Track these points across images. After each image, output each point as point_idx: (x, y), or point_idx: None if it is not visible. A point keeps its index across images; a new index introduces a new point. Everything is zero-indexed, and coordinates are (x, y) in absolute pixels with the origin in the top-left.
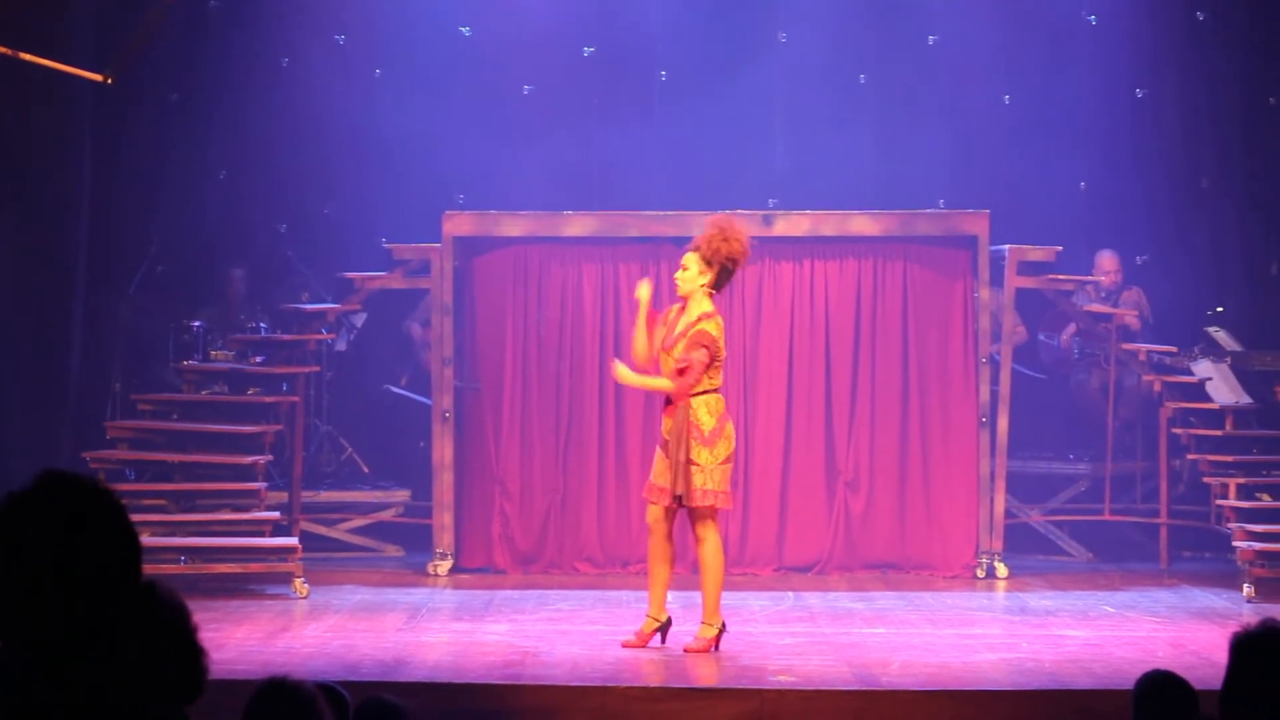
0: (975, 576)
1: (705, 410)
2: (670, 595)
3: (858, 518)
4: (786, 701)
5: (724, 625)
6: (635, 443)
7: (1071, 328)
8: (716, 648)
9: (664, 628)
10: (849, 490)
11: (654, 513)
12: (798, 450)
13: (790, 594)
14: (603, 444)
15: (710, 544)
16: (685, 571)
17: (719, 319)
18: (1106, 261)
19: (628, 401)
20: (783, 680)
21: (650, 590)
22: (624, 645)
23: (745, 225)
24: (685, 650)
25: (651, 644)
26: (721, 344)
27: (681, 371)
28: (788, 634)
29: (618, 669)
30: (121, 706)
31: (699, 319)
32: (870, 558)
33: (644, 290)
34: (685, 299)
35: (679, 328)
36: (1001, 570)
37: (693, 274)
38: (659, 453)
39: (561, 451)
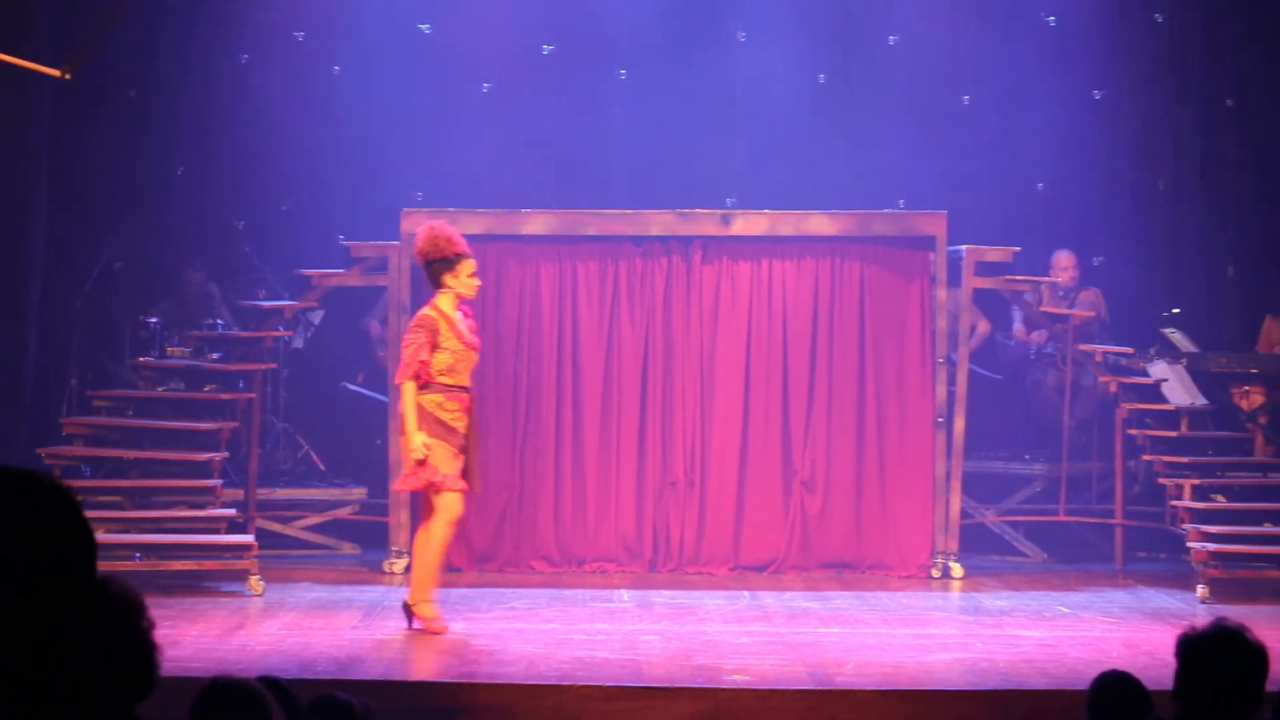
0: (930, 576)
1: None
2: (632, 593)
3: (814, 517)
4: (741, 701)
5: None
6: (592, 441)
7: (1042, 333)
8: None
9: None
10: (805, 490)
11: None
12: (754, 450)
13: (746, 593)
14: (559, 443)
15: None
16: (641, 570)
17: (428, 312)
18: (1063, 259)
19: (585, 400)
20: (738, 679)
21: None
22: None
23: (437, 225)
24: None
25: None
26: (425, 336)
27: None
28: (743, 633)
29: (573, 668)
30: (73, 703)
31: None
32: (826, 557)
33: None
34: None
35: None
36: (957, 570)
37: None
38: (454, 450)
39: (518, 450)
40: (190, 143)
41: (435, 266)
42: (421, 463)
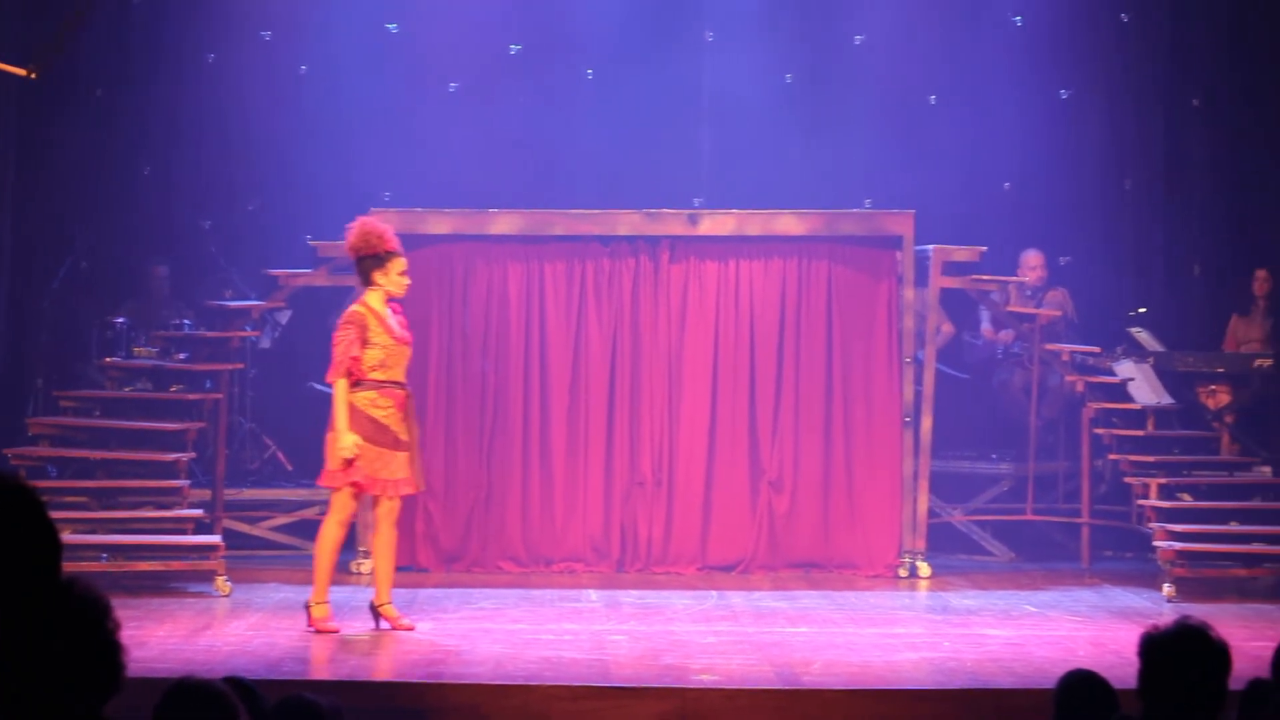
0: (898, 576)
1: None
2: (600, 593)
3: (781, 517)
4: (709, 700)
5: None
6: (559, 441)
7: (1009, 332)
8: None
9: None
10: (773, 490)
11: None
12: (722, 450)
13: (714, 593)
14: (527, 443)
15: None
16: (609, 570)
17: (357, 309)
18: (1031, 258)
19: (552, 401)
20: (705, 679)
21: (379, 582)
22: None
23: (369, 221)
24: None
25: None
26: (355, 332)
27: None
28: (711, 633)
29: (540, 668)
30: (39, 704)
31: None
32: (793, 557)
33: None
34: None
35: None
36: (924, 569)
37: None
38: (387, 450)
39: (486, 450)
40: (157, 142)
41: (366, 263)
42: (349, 462)
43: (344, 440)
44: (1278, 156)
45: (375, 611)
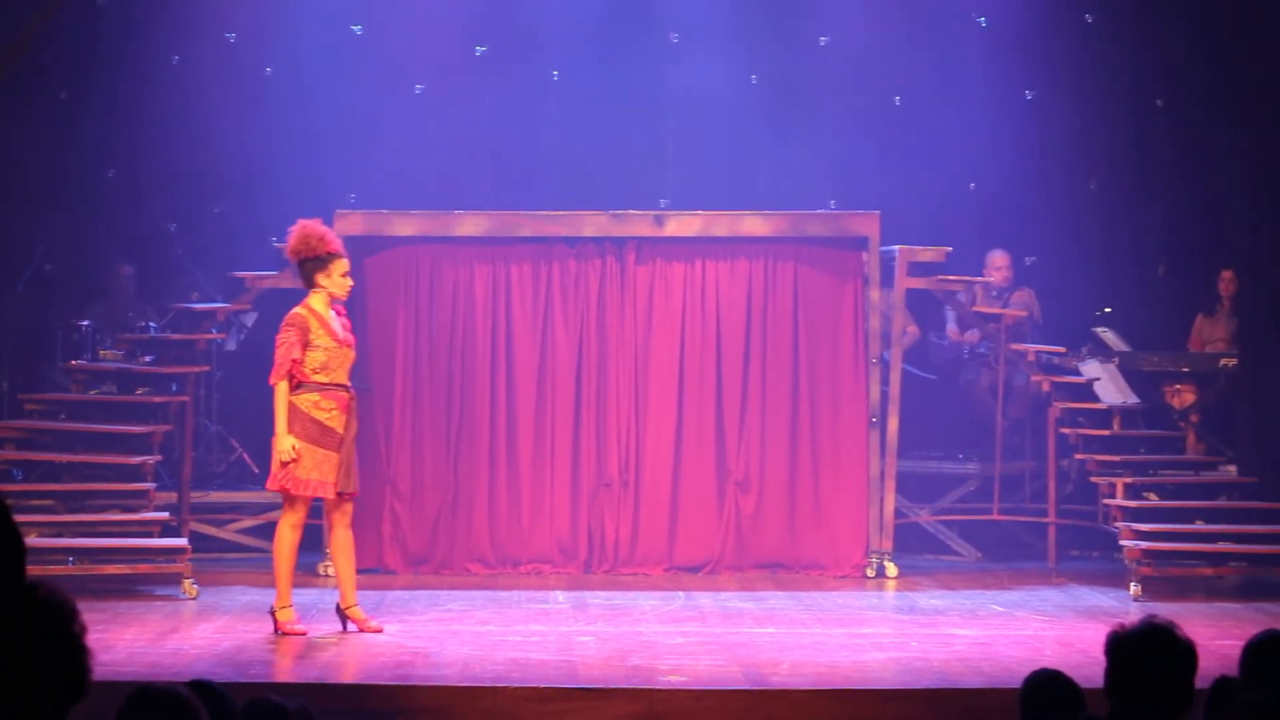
0: (865, 576)
1: None
2: (567, 594)
3: (748, 518)
4: (677, 701)
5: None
6: (527, 442)
7: (974, 333)
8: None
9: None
10: (739, 490)
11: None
12: (688, 450)
13: (681, 594)
14: (494, 444)
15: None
16: (576, 571)
17: (299, 311)
18: (997, 258)
19: (519, 402)
20: (673, 680)
21: (341, 584)
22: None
23: (310, 223)
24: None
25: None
26: (296, 335)
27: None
28: (678, 634)
29: (508, 669)
30: (5, 708)
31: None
32: (761, 557)
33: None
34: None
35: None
36: (891, 570)
37: None
38: (333, 452)
39: (453, 452)
40: (122, 145)
41: (308, 265)
42: (285, 465)
43: (282, 444)
44: (1241, 157)
45: (342, 615)
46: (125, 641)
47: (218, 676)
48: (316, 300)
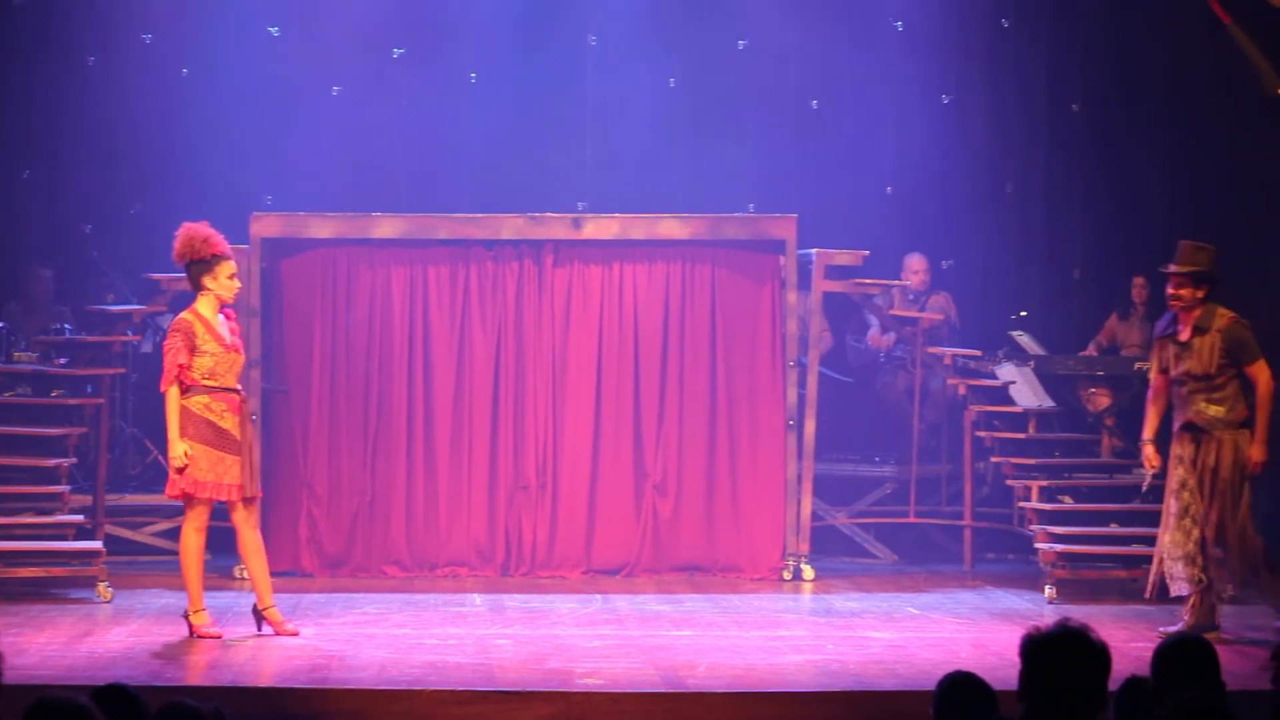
0: (782, 579)
1: None
2: (484, 597)
3: (666, 520)
4: (594, 704)
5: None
6: (444, 445)
7: (891, 337)
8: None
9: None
10: (657, 493)
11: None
12: (606, 453)
13: (598, 596)
14: (411, 446)
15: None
16: (493, 574)
17: (185, 316)
18: (915, 262)
19: (436, 405)
20: (590, 683)
21: (257, 587)
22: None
23: (195, 226)
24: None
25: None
26: (182, 340)
27: None
28: (595, 636)
29: (425, 672)
30: None
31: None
32: (678, 560)
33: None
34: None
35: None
36: (808, 572)
37: None
38: (229, 455)
39: (370, 454)
40: (38, 145)
41: (194, 269)
42: (181, 470)
43: (175, 449)
44: (1157, 161)
45: (259, 615)
46: (39, 645)
47: (132, 680)
48: (204, 304)
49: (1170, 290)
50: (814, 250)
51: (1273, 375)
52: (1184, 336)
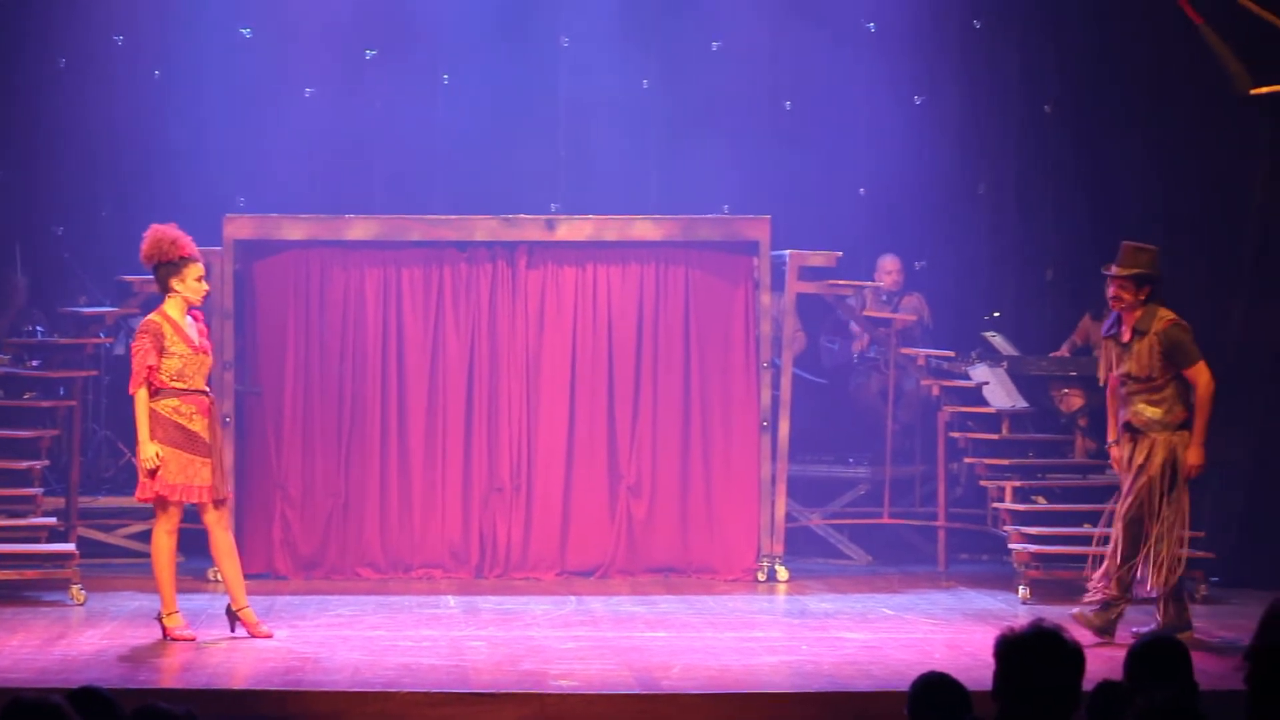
0: (756, 580)
1: None
2: (458, 599)
3: (640, 522)
4: (568, 705)
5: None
6: (418, 447)
7: (866, 338)
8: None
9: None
10: (631, 494)
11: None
12: (580, 454)
13: (572, 598)
14: (385, 448)
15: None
16: (467, 576)
17: (153, 318)
18: (889, 263)
19: (410, 407)
20: (564, 684)
21: (230, 588)
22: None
23: (162, 228)
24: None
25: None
26: (150, 342)
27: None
28: (569, 638)
29: (399, 674)
30: None
31: None
32: (652, 562)
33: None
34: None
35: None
36: (782, 573)
37: None
38: (198, 457)
39: (343, 456)
40: (8, 147)
41: (161, 271)
42: (152, 473)
43: (145, 451)
44: (1128, 161)
45: (233, 615)
46: (11, 648)
47: (105, 683)
48: (172, 306)
49: (1110, 292)
50: (787, 251)
51: (1213, 377)
52: (1125, 338)
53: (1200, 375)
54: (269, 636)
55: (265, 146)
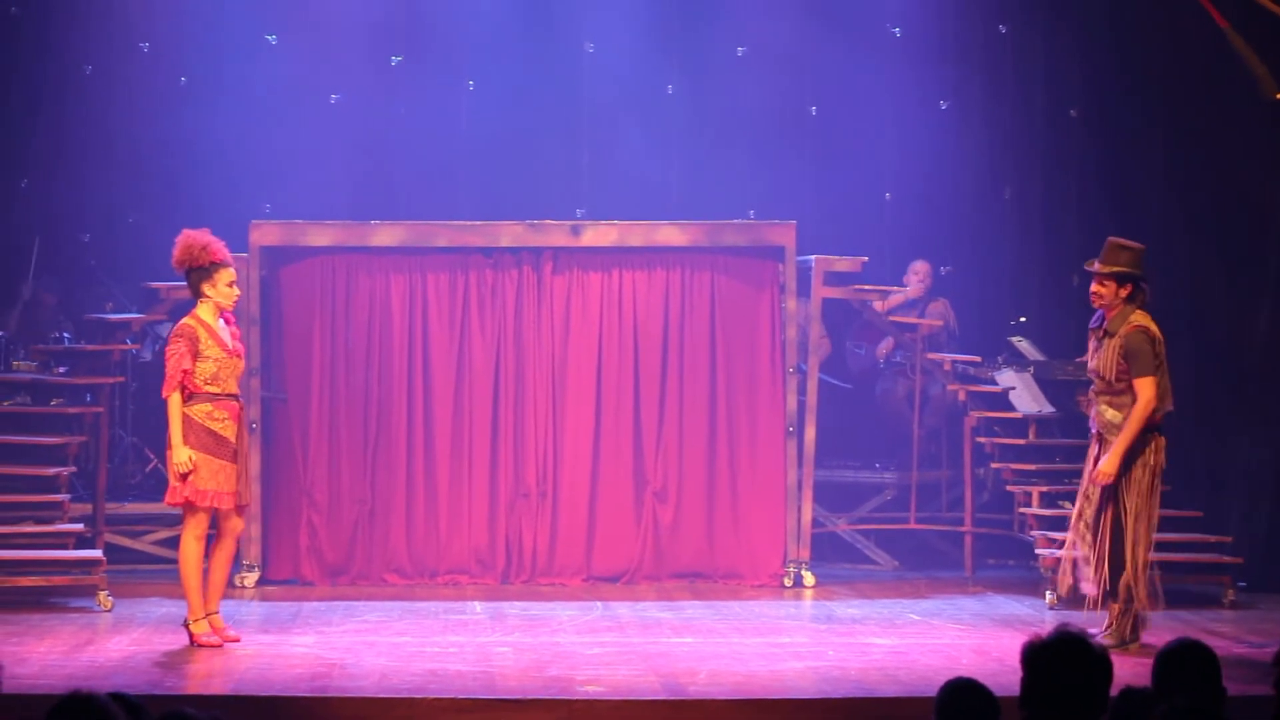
0: (783, 585)
1: None
2: (485, 605)
3: (666, 527)
4: (595, 711)
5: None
6: (444, 452)
7: (889, 342)
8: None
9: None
10: (657, 500)
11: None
12: (606, 460)
13: (599, 604)
14: (411, 454)
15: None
16: (494, 582)
17: (187, 322)
18: (919, 266)
19: (436, 412)
20: (591, 690)
21: (209, 591)
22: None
23: (194, 233)
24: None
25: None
26: (185, 346)
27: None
28: (596, 644)
29: (425, 680)
30: None
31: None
32: (678, 567)
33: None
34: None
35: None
36: (809, 579)
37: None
38: (228, 463)
39: (369, 462)
40: (36, 154)
41: (193, 276)
42: (184, 477)
43: (179, 455)
44: (1154, 166)
45: (188, 626)
46: (39, 654)
47: (133, 689)
48: (204, 310)
49: (1092, 288)
50: (813, 257)
51: (1154, 397)
52: (1100, 336)
53: (1143, 390)
54: (236, 640)
55: (291, 153)
